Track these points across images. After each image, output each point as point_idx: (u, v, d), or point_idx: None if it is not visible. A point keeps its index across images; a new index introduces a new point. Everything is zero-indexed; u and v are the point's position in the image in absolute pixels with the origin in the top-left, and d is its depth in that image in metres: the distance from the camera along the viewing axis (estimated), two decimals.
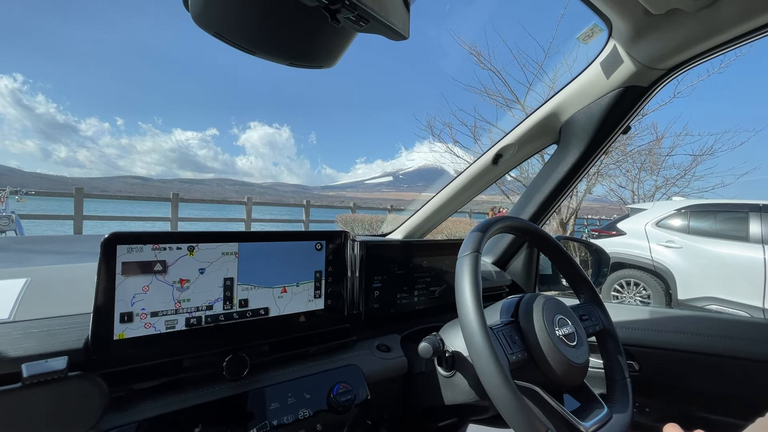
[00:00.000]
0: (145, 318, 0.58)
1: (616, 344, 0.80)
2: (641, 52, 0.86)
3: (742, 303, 4.03)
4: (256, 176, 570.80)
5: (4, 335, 0.51)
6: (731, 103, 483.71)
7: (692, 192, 10.24)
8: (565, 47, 7.30)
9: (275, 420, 0.64)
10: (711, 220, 4.51)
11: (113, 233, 0.55)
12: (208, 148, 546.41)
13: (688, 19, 0.75)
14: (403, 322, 0.98)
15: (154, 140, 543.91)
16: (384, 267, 0.93)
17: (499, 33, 8.20)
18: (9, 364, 0.49)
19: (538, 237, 0.84)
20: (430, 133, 9.65)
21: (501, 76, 7.77)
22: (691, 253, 4.37)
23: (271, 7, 0.50)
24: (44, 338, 0.53)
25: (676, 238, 4.54)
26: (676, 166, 10.49)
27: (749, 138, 9.61)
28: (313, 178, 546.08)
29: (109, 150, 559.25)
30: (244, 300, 0.68)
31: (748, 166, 10.42)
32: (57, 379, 0.43)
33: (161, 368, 0.60)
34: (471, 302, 0.60)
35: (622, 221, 5.15)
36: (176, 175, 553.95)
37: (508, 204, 10.69)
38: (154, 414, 0.56)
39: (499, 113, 8.40)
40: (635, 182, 11.02)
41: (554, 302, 0.74)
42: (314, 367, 0.75)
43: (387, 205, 15.30)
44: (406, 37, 0.53)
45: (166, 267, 0.60)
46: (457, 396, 0.75)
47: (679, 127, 11.50)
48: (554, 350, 0.66)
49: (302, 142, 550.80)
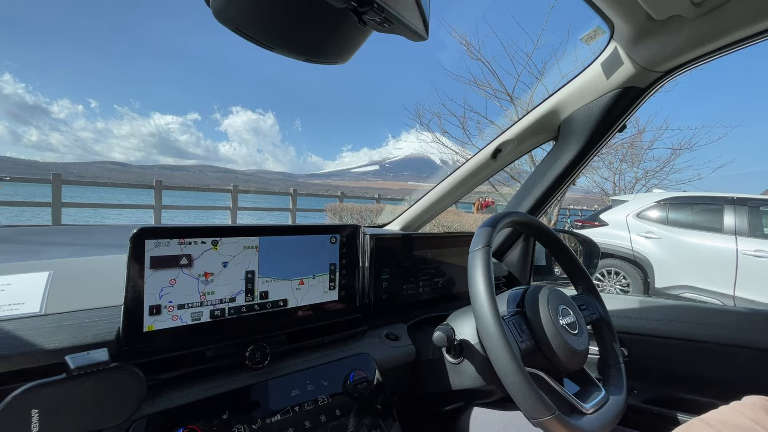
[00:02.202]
0: (172, 310, 0.60)
1: (611, 332, 0.85)
2: (641, 55, 0.89)
3: (714, 291, 4.25)
4: (240, 163, 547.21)
5: (38, 328, 0.52)
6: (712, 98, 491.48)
7: (670, 184, 10.61)
8: (556, 40, 7.36)
9: (297, 406, 0.67)
10: (688, 212, 4.71)
11: (141, 228, 0.56)
12: (190, 134, 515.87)
13: (687, 26, 0.79)
14: (408, 311, 1.01)
15: (131, 124, 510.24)
16: (392, 259, 0.96)
17: (489, 23, 8.20)
18: (45, 356, 0.51)
19: (541, 232, 0.88)
20: (418, 122, 9.66)
21: (490, 66, 7.80)
22: (669, 244, 4.56)
23: (294, 5, 0.51)
24: (77, 331, 0.54)
25: (656, 229, 4.72)
26: (655, 158, 10.83)
27: (726, 133, 9.96)
28: (299, 165, 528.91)
29: (84, 134, 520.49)
30: (265, 292, 0.70)
31: (724, 159, 10.85)
32: (100, 369, 0.45)
33: (187, 359, 0.62)
34: (485, 294, 0.64)
35: (605, 212, 5.32)
36: (156, 161, 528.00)
37: (494, 194, 10.85)
38: (183, 402, 0.58)
39: (488, 104, 8.46)
40: (617, 174, 11.32)
41: (557, 293, 0.78)
42: (329, 355, 0.78)
43: (374, 195, 15.31)
44: (425, 38, 0.55)
45: (192, 261, 0.61)
46: (464, 381, 0.79)
47: (659, 121, 11.82)
48: (558, 338, 0.71)
49: (287, 128, 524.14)
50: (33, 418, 0.42)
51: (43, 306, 0.56)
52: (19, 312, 0.54)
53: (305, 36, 0.56)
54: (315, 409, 0.68)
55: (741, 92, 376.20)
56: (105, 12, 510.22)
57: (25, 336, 0.51)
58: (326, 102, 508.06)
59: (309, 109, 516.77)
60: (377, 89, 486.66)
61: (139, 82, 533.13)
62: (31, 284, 0.59)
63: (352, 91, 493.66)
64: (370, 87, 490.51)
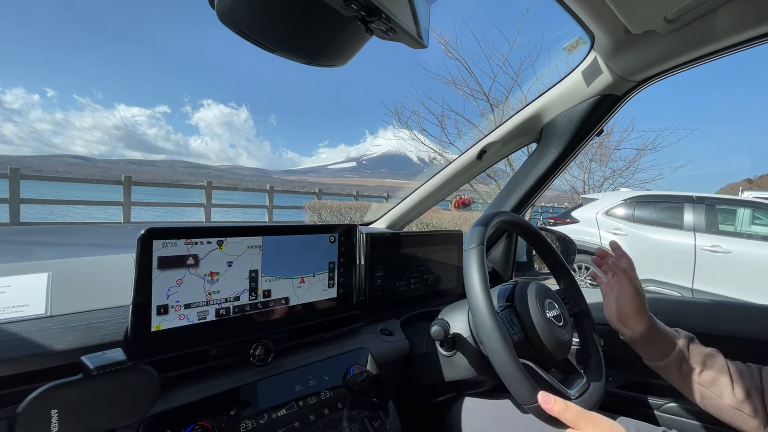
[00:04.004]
0: (179, 310, 0.61)
1: (591, 324, 0.92)
2: (618, 65, 0.96)
3: (675, 284, 4.53)
4: (212, 158, 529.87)
5: (46, 329, 0.52)
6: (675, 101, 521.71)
7: (636, 183, 11.16)
8: (531, 43, 7.57)
9: (300, 400, 0.69)
10: (652, 210, 4.98)
11: (149, 229, 0.57)
12: (159, 127, 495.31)
13: (661, 40, 0.85)
14: (400, 307, 1.05)
15: (94, 116, 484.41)
16: (385, 257, 0.99)
17: (467, 23, 8.33)
18: (56, 358, 0.50)
19: (527, 230, 0.93)
20: (396, 120, 9.71)
21: (467, 66, 7.94)
22: (635, 240, 4.81)
23: (300, 11, 0.53)
24: (84, 331, 0.54)
25: (623, 225, 4.97)
26: (622, 158, 11.36)
27: (686, 135, 10.58)
28: (274, 161, 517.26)
29: (42, 125, 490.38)
30: (268, 290, 0.71)
31: (683, 160, 11.51)
32: (118, 369, 0.46)
33: (194, 357, 0.63)
34: (480, 290, 0.67)
35: (576, 210, 5.55)
36: (122, 155, 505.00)
37: (470, 192, 11.06)
38: (191, 399, 0.59)
39: (466, 104, 8.62)
40: (587, 173, 11.79)
41: (544, 288, 0.84)
42: (328, 351, 0.80)
43: (352, 192, 15.28)
44: (425, 46, 0.58)
45: (198, 261, 0.62)
46: (457, 373, 0.84)
47: (626, 123, 12.42)
48: (546, 330, 0.76)
49: (262, 123, 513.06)
50: (53, 418, 0.42)
51: (48, 307, 0.56)
52: (25, 314, 0.53)
53: (309, 40, 0.58)
54: (318, 402, 0.70)
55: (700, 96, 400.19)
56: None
57: (34, 338, 0.50)
58: (303, 97, 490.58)
59: (285, 103, 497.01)
60: (356, 85, 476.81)
61: (100, 72, 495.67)
62: (31, 286, 0.58)
63: (329, 86, 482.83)
64: (349, 82, 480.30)
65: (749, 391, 0.69)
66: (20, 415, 0.41)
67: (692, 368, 0.75)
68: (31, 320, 0.53)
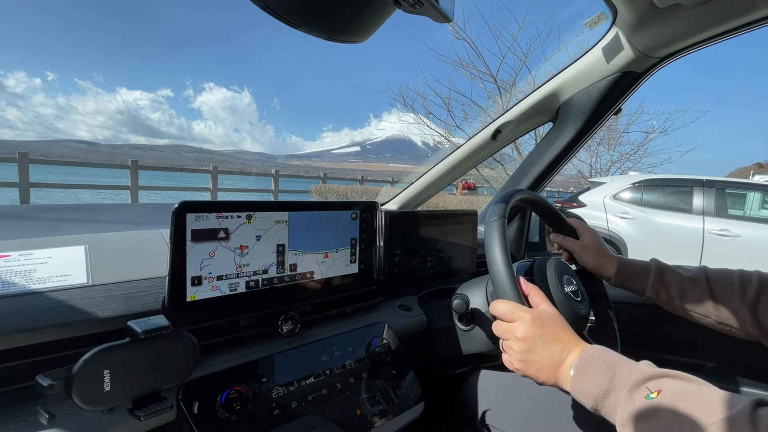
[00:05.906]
0: (212, 281, 0.62)
1: (607, 301, 0.93)
2: (641, 41, 0.94)
3: None
4: (216, 143, 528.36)
5: (89, 297, 0.54)
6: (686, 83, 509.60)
7: (644, 167, 11.03)
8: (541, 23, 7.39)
9: (327, 370, 0.71)
10: (660, 194, 4.95)
11: (182, 202, 0.58)
12: (162, 111, 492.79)
13: (687, 14, 0.84)
14: (417, 284, 1.07)
15: (96, 100, 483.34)
16: (403, 235, 1.00)
17: (475, 2, 8.12)
18: (101, 324, 0.53)
19: (546, 209, 0.94)
20: (402, 103, 9.60)
21: (475, 46, 7.78)
22: (643, 224, 4.80)
23: None
24: (126, 300, 0.57)
25: (630, 209, 4.95)
26: (630, 142, 11.20)
27: (698, 118, 10.38)
28: (278, 146, 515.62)
29: (45, 110, 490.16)
30: (294, 264, 0.73)
31: (693, 143, 11.33)
32: (162, 334, 0.48)
33: (226, 327, 0.65)
34: (502, 259, 0.68)
35: (583, 194, 5.52)
36: (127, 140, 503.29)
37: (475, 176, 11.00)
38: (226, 366, 0.62)
39: (474, 86, 8.47)
40: (594, 156, 11.66)
41: (562, 264, 0.85)
42: (350, 324, 0.83)
43: (357, 176, 15.25)
44: (450, 20, 0.58)
45: (229, 234, 0.64)
46: (474, 346, 0.86)
47: (635, 105, 12.21)
48: (565, 303, 0.78)
49: (265, 107, 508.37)
50: (105, 377, 0.45)
51: (89, 277, 0.58)
52: (69, 283, 0.56)
53: (332, 16, 0.57)
54: (344, 372, 0.73)
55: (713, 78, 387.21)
56: None
57: (80, 305, 0.53)
58: (306, 79, 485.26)
59: (287, 87, 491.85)
60: (361, 67, 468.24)
61: (99, 54, 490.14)
62: (71, 257, 0.60)
63: (333, 69, 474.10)
64: (354, 65, 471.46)
65: (736, 309, 0.73)
66: (76, 374, 0.43)
67: (672, 296, 0.81)
68: (75, 289, 0.55)
